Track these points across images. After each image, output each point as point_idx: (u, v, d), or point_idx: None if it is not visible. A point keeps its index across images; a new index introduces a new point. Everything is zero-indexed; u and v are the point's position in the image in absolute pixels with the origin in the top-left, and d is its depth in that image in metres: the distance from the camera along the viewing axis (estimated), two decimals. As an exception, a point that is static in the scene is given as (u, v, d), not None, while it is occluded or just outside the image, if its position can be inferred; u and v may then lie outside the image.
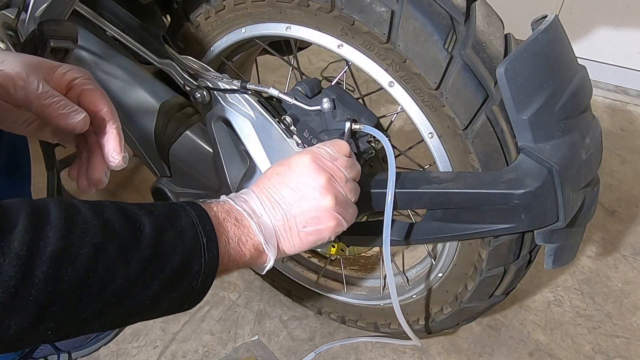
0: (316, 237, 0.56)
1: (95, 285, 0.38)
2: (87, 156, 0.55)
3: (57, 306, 0.36)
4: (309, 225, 0.55)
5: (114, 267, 0.39)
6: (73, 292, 0.36)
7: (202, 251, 0.45)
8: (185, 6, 0.80)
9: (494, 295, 0.78)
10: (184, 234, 0.44)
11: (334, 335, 1.05)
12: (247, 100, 0.72)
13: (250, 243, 0.51)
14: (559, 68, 0.57)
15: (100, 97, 0.53)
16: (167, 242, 0.43)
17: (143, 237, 0.41)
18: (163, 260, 0.42)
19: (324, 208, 0.55)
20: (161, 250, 0.42)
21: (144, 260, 0.41)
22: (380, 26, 0.60)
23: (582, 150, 0.58)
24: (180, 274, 0.44)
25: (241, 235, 0.50)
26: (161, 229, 0.43)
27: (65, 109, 0.49)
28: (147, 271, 0.41)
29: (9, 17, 0.64)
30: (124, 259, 0.40)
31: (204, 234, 0.46)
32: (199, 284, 0.46)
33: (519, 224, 0.59)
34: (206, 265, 0.46)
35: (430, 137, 0.68)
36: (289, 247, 0.55)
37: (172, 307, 0.47)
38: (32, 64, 0.49)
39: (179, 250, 0.43)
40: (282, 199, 0.55)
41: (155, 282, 0.42)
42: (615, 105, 1.87)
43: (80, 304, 0.37)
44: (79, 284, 0.37)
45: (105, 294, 0.38)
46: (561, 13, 1.90)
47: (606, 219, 1.35)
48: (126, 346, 1.03)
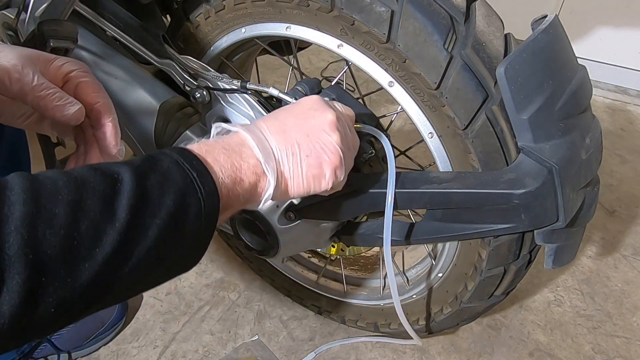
0: (317, 172, 0.52)
1: (83, 245, 0.34)
2: (85, 149, 0.55)
3: (48, 276, 0.32)
4: (312, 156, 0.51)
5: (99, 222, 0.35)
6: (60, 256, 0.33)
7: (195, 186, 0.41)
8: (185, 6, 0.80)
9: (494, 295, 0.78)
10: (170, 174, 0.40)
11: (334, 335, 1.05)
12: (247, 100, 0.72)
13: (246, 167, 0.47)
14: (559, 68, 0.57)
15: (97, 89, 0.53)
16: (152, 185, 0.39)
17: (123, 186, 0.37)
18: (153, 204, 0.38)
19: (330, 140, 0.52)
20: (148, 194, 0.38)
21: (132, 208, 0.37)
22: (380, 26, 0.60)
23: (582, 150, 0.58)
24: (179, 216, 0.40)
25: (233, 161, 0.46)
26: (141, 174, 0.39)
27: (61, 100, 0.49)
28: (139, 220, 0.37)
29: (9, 17, 0.64)
30: (108, 212, 0.36)
31: (192, 169, 0.42)
32: (203, 222, 0.42)
33: (519, 224, 0.59)
34: (205, 200, 0.42)
35: (430, 137, 0.68)
36: (289, 177, 0.51)
37: (184, 257, 0.43)
38: (29, 56, 0.49)
39: (168, 191, 0.39)
40: (285, 125, 0.51)
41: (152, 230, 0.38)
42: (615, 105, 1.87)
43: (74, 269, 0.34)
44: (64, 246, 0.33)
45: (98, 253, 0.35)
46: (561, 13, 1.90)
47: (606, 219, 1.35)
48: (126, 346, 1.03)
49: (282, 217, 0.71)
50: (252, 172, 0.47)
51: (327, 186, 0.53)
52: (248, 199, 0.48)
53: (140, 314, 1.09)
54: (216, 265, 1.20)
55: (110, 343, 1.03)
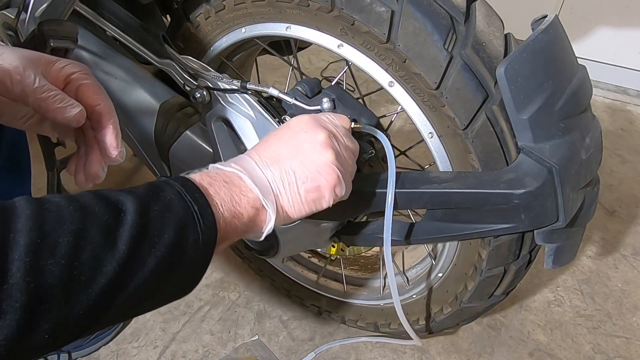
0: (316, 195, 0.53)
1: (83, 274, 0.35)
2: (85, 151, 0.55)
3: (46, 304, 0.33)
4: (308, 181, 0.52)
5: (99, 252, 0.36)
6: (59, 285, 0.34)
7: (195, 219, 0.42)
8: (185, 6, 0.80)
9: (494, 295, 0.78)
10: (172, 205, 0.42)
11: (334, 335, 1.05)
12: (247, 100, 0.72)
13: (245, 201, 0.48)
14: (559, 68, 0.57)
15: (98, 91, 0.53)
16: (155, 217, 0.40)
17: (126, 217, 0.38)
18: (154, 236, 0.39)
19: (324, 161, 0.53)
20: (150, 226, 0.39)
21: (132, 239, 0.38)
22: (380, 26, 0.60)
23: (582, 150, 0.58)
24: (177, 248, 0.41)
25: (233, 195, 0.47)
26: (145, 205, 0.40)
27: (62, 102, 0.49)
28: (139, 251, 0.38)
29: (9, 17, 0.64)
30: (110, 242, 0.37)
31: (194, 202, 0.43)
32: (199, 254, 0.43)
33: (519, 224, 0.59)
34: (203, 233, 0.43)
35: (430, 137, 0.68)
36: (289, 206, 0.52)
37: (180, 286, 0.44)
38: (30, 58, 0.49)
39: (169, 223, 0.41)
40: (278, 155, 0.52)
41: (150, 262, 0.39)
42: (615, 105, 1.87)
43: (72, 298, 0.34)
44: (64, 275, 0.34)
45: (97, 282, 0.36)
46: (561, 13, 1.90)
47: (606, 219, 1.35)
48: (126, 346, 1.03)
49: (282, 217, 0.71)
50: (251, 207, 0.49)
51: (329, 204, 0.55)
52: (246, 230, 0.50)
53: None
54: (216, 265, 1.20)
55: (110, 343, 1.03)
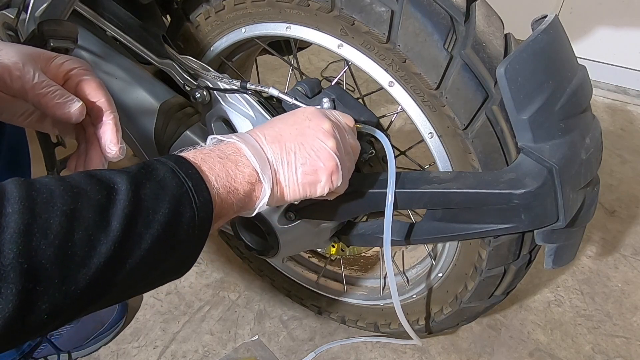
0: (313, 178, 0.53)
1: (77, 254, 0.35)
2: (86, 147, 0.55)
3: (41, 285, 0.33)
4: (307, 164, 0.52)
5: (93, 231, 0.36)
6: (54, 266, 0.34)
7: (190, 196, 0.42)
8: (185, 6, 0.80)
9: (494, 295, 0.78)
10: (165, 183, 0.41)
11: (334, 335, 1.05)
12: (247, 100, 0.72)
13: (241, 176, 0.47)
14: (559, 68, 0.57)
15: (98, 87, 0.53)
16: (148, 194, 0.40)
17: (119, 195, 0.38)
18: (147, 213, 0.39)
19: (325, 148, 0.53)
20: (143, 204, 0.39)
21: (126, 218, 0.37)
22: (380, 26, 0.60)
23: (582, 150, 0.58)
24: (172, 226, 0.40)
25: (229, 170, 0.47)
26: (137, 183, 0.40)
27: (61, 98, 0.49)
28: (133, 229, 0.38)
29: (9, 17, 0.64)
30: (103, 221, 0.36)
31: (188, 178, 0.43)
32: (196, 231, 0.43)
33: (519, 224, 0.59)
34: (199, 209, 0.42)
35: (430, 137, 0.68)
36: (284, 186, 0.52)
37: (176, 264, 0.44)
38: (30, 54, 0.49)
39: (163, 200, 0.40)
40: (280, 135, 0.52)
41: (145, 239, 0.39)
42: (615, 105, 1.87)
43: (68, 278, 0.35)
44: (59, 256, 0.34)
45: (92, 262, 0.35)
46: (561, 13, 1.90)
47: (606, 219, 1.35)
48: (126, 346, 1.03)
49: (282, 217, 0.71)
50: (246, 182, 0.48)
51: (324, 191, 0.55)
52: (242, 207, 0.49)
53: (140, 314, 1.09)
54: (216, 265, 1.20)
55: (110, 343, 1.03)
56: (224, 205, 0.46)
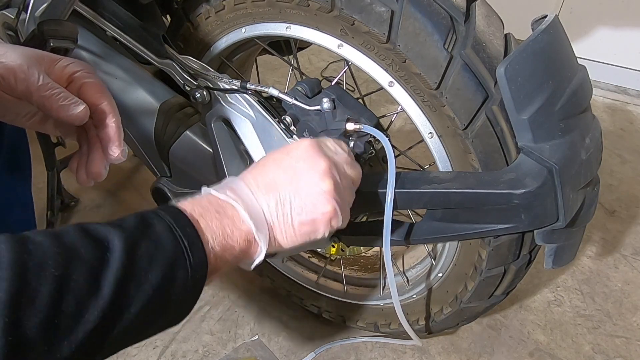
0: (310, 228, 0.51)
1: (64, 323, 0.34)
2: (87, 149, 0.55)
3: (26, 355, 0.32)
4: (304, 213, 0.51)
5: (83, 298, 0.35)
6: (39, 335, 0.32)
7: (185, 256, 0.41)
8: (185, 6, 0.80)
9: (494, 295, 0.78)
10: (161, 242, 0.40)
11: (334, 335, 1.05)
12: (247, 100, 0.72)
13: (237, 234, 0.47)
14: (559, 68, 0.57)
15: (101, 90, 0.53)
16: (142, 255, 0.39)
17: (113, 255, 0.37)
18: (140, 276, 0.38)
19: (322, 192, 0.51)
20: (137, 266, 0.38)
21: (118, 282, 0.36)
22: (380, 26, 0.60)
23: (582, 150, 0.58)
24: (164, 288, 0.40)
25: (225, 227, 0.46)
26: (133, 242, 0.39)
27: (66, 100, 0.49)
28: (124, 293, 0.37)
29: (9, 17, 0.64)
30: (94, 287, 0.35)
31: (184, 237, 0.42)
32: (188, 291, 0.42)
33: (519, 224, 0.59)
34: (193, 270, 0.42)
35: (430, 137, 0.68)
36: (282, 238, 0.51)
37: (165, 322, 0.44)
38: (34, 56, 0.50)
39: (158, 262, 0.39)
40: (275, 182, 0.51)
41: (136, 303, 0.38)
42: (615, 105, 1.86)
43: (54, 346, 0.33)
44: (44, 324, 0.33)
45: (79, 330, 0.34)
46: (561, 13, 1.90)
47: (606, 219, 1.35)
48: (126, 346, 1.03)
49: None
50: (243, 239, 0.47)
51: (324, 236, 0.53)
52: (237, 262, 0.49)
53: (140, 314, 1.09)
54: (216, 265, 1.20)
55: (110, 343, 1.03)
56: (219, 262, 0.46)
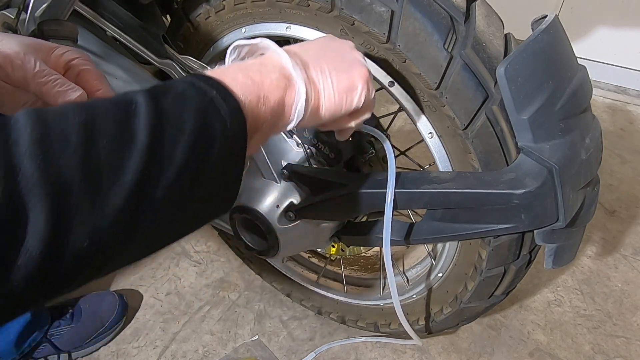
0: (349, 84, 0.49)
1: (104, 168, 0.31)
2: None
3: (72, 200, 0.29)
4: (340, 69, 0.49)
5: (117, 144, 0.32)
6: (81, 180, 0.30)
7: (216, 105, 0.37)
8: (185, 6, 0.80)
9: (494, 295, 0.78)
10: (186, 94, 0.37)
11: (334, 335, 1.05)
12: (247, 100, 0.72)
13: (268, 82, 0.43)
14: (559, 68, 0.57)
15: (98, 77, 0.53)
16: (170, 105, 0.36)
17: (138, 107, 0.34)
18: (174, 124, 0.35)
19: (355, 56, 0.51)
20: (167, 114, 0.35)
21: (152, 128, 0.33)
22: (380, 26, 0.60)
23: (582, 150, 0.58)
24: (203, 136, 0.36)
25: (253, 77, 0.42)
26: (156, 96, 0.35)
27: (63, 86, 0.49)
28: (161, 141, 0.34)
29: (9, 17, 0.64)
30: (126, 134, 0.32)
31: (210, 87, 0.38)
32: (230, 144, 0.38)
33: (519, 224, 0.59)
34: (229, 118, 0.38)
35: (430, 137, 0.68)
36: (320, 90, 0.47)
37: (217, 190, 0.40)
38: (31, 44, 0.50)
39: (188, 110, 0.36)
40: (306, 50, 0.49)
41: (177, 152, 0.34)
42: (615, 105, 1.86)
43: (100, 195, 0.31)
44: (84, 169, 0.30)
45: (122, 177, 0.32)
46: (561, 13, 1.90)
47: (606, 219, 1.35)
48: (126, 346, 1.03)
49: (282, 217, 0.71)
50: (275, 87, 0.43)
51: (360, 101, 0.51)
52: (277, 118, 0.45)
53: (140, 314, 1.09)
54: (216, 265, 1.20)
55: (110, 343, 1.03)
56: (256, 115, 0.42)
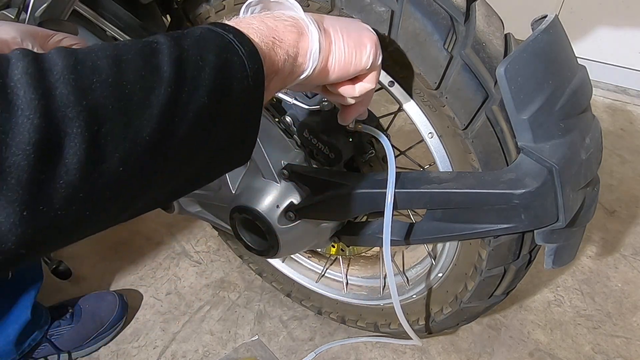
0: (358, 41, 0.51)
1: (135, 95, 0.32)
2: None
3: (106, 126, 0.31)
4: (350, 28, 0.51)
5: (145, 74, 0.33)
6: (113, 105, 0.31)
7: (235, 46, 0.39)
8: (185, 6, 0.80)
9: (494, 295, 0.78)
10: (204, 37, 0.38)
11: (334, 335, 1.05)
12: (247, 100, 0.71)
13: (282, 26, 0.45)
14: (559, 68, 0.57)
15: None
16: (190, 45, 0.37)
17: (160, 45, 0.35)
18: (196, 59, 0.36)
19: (364, 27, 0.53)
20: (189, 52, 0.36)
21: (176, 62, 0.35)
22: (380, 26, 0.60)
23: (582, 150, 0.58)
24: (224, 72, 0.38)
25: (267, 23, 0.44)
26: (176, 38, 0.37)
27: None
28: (185, 74, 0.35)
29: (8, 17, 0.64)
30: (152, 65, 0.34)
31: (227, 32, 0.40)
32: (250, 81, 0.40)
33: (519, 224, 0.59)
34: (247, 58, 0.39)
35: (430, 137, 0.68)
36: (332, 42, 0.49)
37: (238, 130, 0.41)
38: (28, 30, 0.50)
39: (208, 50, 0.37)
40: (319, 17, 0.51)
41: (200, 85, 0.36)
42: (615, 105, 1.86)
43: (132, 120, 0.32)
44: (116, 95, 0.31)
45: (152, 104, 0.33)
46: (561, 13, 1.90)
47: (606, 219, 1.35)
48: (126, 346, 1.03)
49: (282, 217, 0.71)
50: (290, 32, 0.45)
51: (368, 61, 0.52)
52: (293, 62, 0.46)
53: (140, 314, 1.09)
54: (216, 265, 1.20)
55: (110, 343, 1.03)
56: (272, 58, 0.43)
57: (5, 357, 0.93)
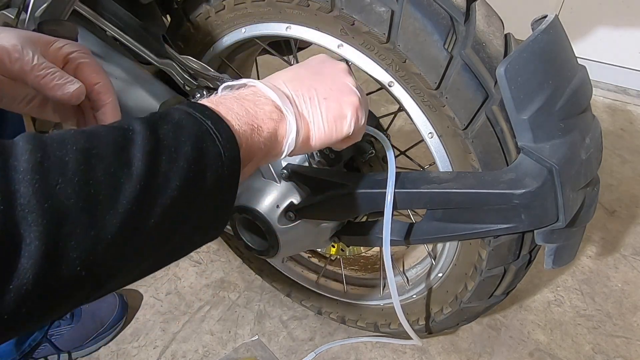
0: (338, 113, 0.50)
1: (101, 194, 0.31)
2: None
3: (67, 227, 0.29)
4: (330, 97, 0.50)
5: (114, 170, 0.32)
6: (77, 206, 0.30)
7: (212, 134, 0.38)
8: (185, 6, 0.80)
9: (494, 295, 0.78)
10: (182, 124, 0.38)
11: (334, 335, 1.05)
12: (247, 100, 0.71)
13: (262, 113, 0.45)
14: (559, 68, 0.57)
15: (97, 70, 0.53)
16: (166, 134, 0.36)
17: (135, 135, 0.34)
18: (170, 151, 0.35)
19: (346, 83, 0.52)
20: (163, 142, 0.35)
21: (148, 155, 0.34)
22: (380, 26, 0.60)
23: (582, 150, 0.58)
24: (198, 163, 0.37)
25: (247, 109, 0.44)
26: (153, 124, 0.36)
27: (61, 79, 0.49)
28: (157, 168, 0.34)
29: (9, 17, 0.64)
30: (123, 160, 0.33)
31: (205, 118, 0.39)
32: (225, 172, 0.39)
33: (519, 224, 0.59)
34: (224, 147, 0.39)
35: (430, 137, 0.68)
36: (310, 122, 0.49)
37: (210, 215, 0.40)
38: (28, 37, 0.50)
39: (184, 139, 0.37)
40: (297, 75, 0.50)
41: (172, 179, 0.35)
42: (615, 105, 1.86)
43: (95, 220, 0.31)
44: (81, 195, 0.30)
45: (119, 203, 0.32)
46: (561, 13, 1.90)
47: (606, 219, 1.35)
48: (126, 346, 1.03)
49: (282, 217, 0.71)
50: (269, 119, 0.45)
51: (350, 129, 0.52)
52: (269, 148, 0.46)
53: (140, 314, 1.09)
54: (216, 265, 1.20)
55: (110, 343, 1.03)
56: (250, 144, 0.43)
57: (5, 357, 0.93)
